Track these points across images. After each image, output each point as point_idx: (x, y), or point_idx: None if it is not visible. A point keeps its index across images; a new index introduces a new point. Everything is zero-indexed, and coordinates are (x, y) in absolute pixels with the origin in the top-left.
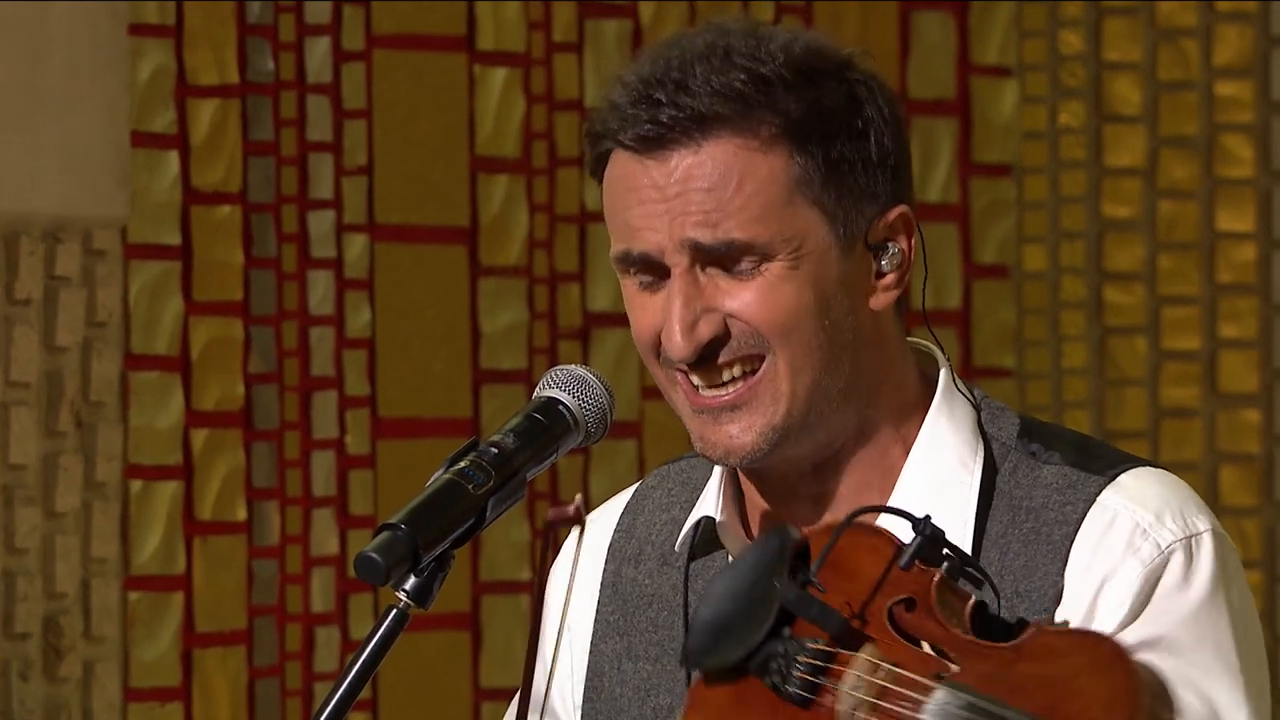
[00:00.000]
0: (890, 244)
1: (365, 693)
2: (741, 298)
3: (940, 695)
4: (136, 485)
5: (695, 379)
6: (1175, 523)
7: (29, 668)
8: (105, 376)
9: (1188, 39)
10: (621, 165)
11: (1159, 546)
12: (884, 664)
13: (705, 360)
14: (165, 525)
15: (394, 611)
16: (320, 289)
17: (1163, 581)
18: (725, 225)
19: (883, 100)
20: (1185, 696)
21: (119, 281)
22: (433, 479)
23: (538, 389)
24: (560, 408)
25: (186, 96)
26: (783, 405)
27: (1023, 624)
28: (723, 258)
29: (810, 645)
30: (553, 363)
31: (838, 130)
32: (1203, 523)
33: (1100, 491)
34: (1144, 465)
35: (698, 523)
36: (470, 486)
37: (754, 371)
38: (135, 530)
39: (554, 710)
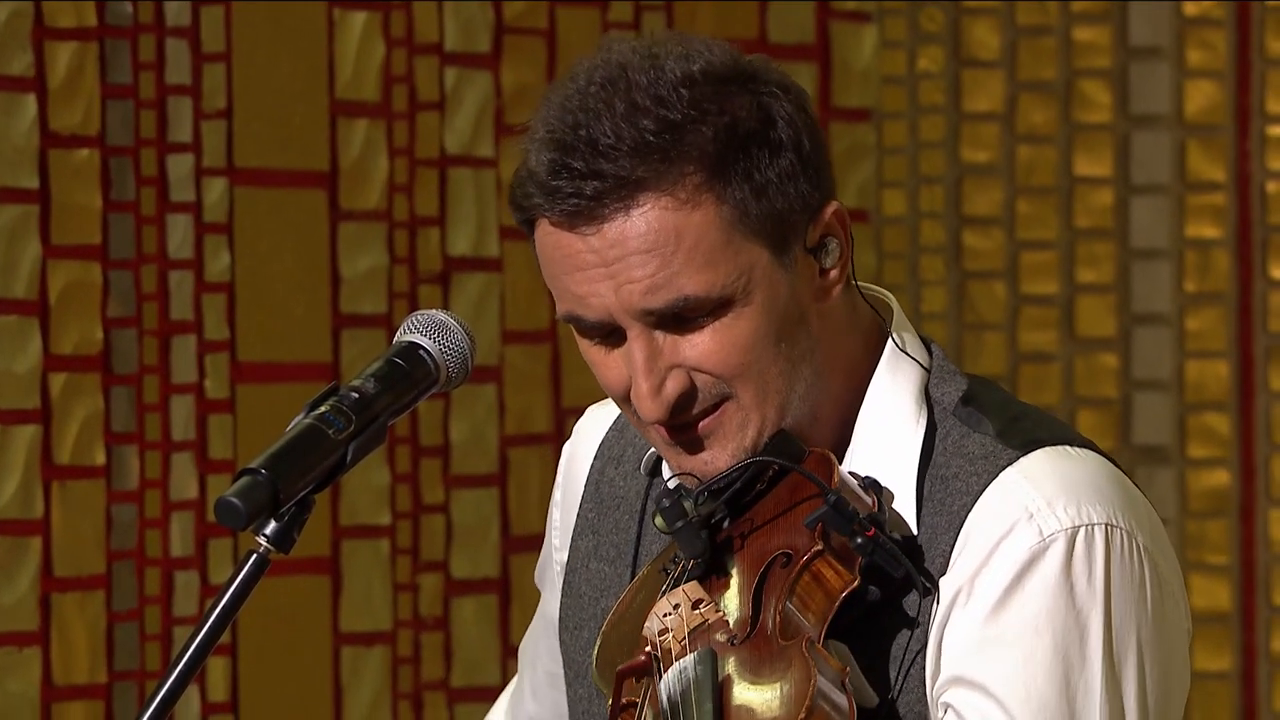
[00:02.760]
0: (828, 239)
1: (225, 637)
2: (700, 347)
3: (688, 660)
4: None
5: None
6: (1066, 511)
7: None
8: None
9: None
10: (553, 234)
11: (1040, 534)
12: (694, 606)
13: (676, 415)
14: (23, 470)
15: (254, 556)
16: (179, 233)
17: (1037, 572)
18: (673, 285)
19: (792, 103)
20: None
21: None
22: (293, 424)
23: (398, 334)
24: (421, 353)
25: (44, 39)
26: (751, 430)
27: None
28: (676, 316)
29: (687, 555)
30: (413, 307)
31: (758, 153)
32: (1099, 514)
33: (1007, 466)
34: (1068, 445)
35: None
36: (331, 431)
37: (717, 406)
38: None
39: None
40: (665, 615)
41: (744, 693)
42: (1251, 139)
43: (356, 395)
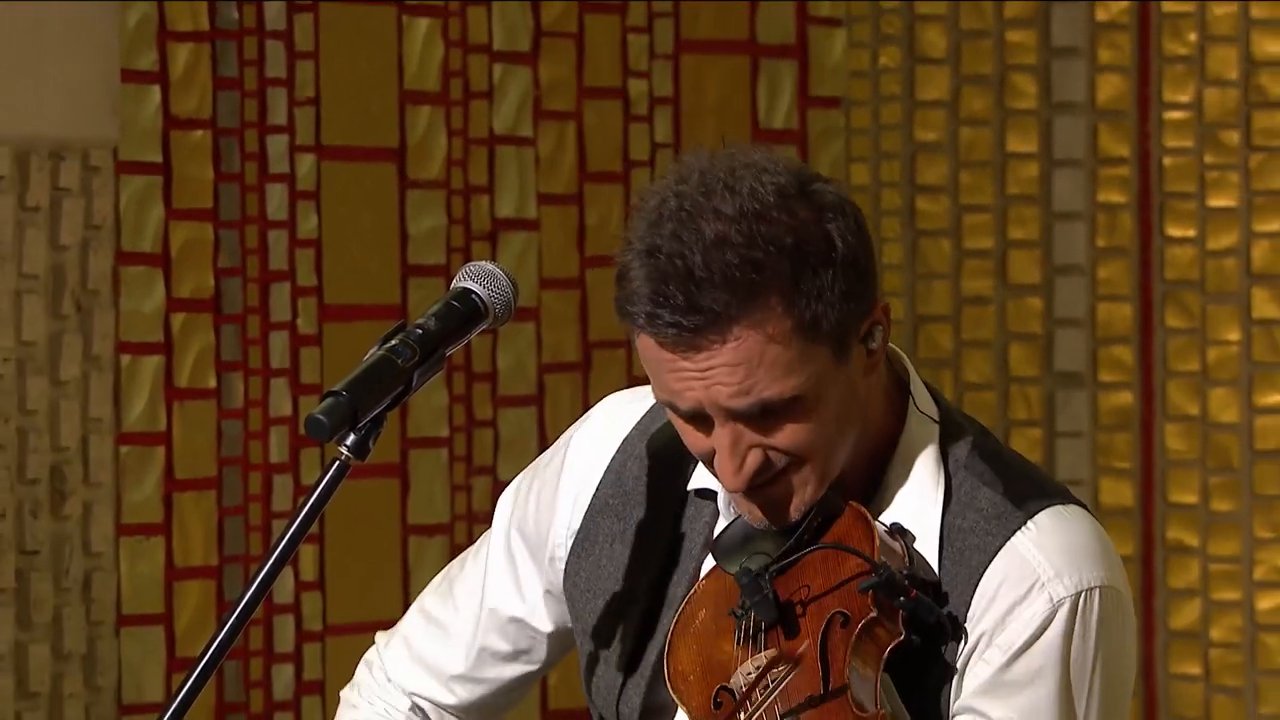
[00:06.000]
0: (875, 328)
1: (314, 529)
2: (776, 436)
3: None
4: (126, 359)
5: None
6: (1070, 578)
7: (38, 508)
8: (100, 270)
9: None
10: (654, 347)
11: (1050, 600)
12: (771, 669)
13: (752, 484)
14: (150, 392)
15: (337, 463)
16: (276, 199)
17: (1048, 633)
18: (755, 391)
19: (848, 219)
20: None
21: (111, 192)
22: (368, 354)
23: (455, 281)
24: (473, 296)
25: (167, 40)
26: (810, 488)
27: (944, 668)
28: (757, 415)
29: (761, 608)
30: (467, 260)
31: (823, 272)
32: (1097, 577)
33: (1017, 530)
34: (1067, 504)
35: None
36: (399, 361)
37: (785, 471)
38: (125, 396)
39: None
40: (748, 674)
41: None
42: (1151, 122)
43: (420, 331)
